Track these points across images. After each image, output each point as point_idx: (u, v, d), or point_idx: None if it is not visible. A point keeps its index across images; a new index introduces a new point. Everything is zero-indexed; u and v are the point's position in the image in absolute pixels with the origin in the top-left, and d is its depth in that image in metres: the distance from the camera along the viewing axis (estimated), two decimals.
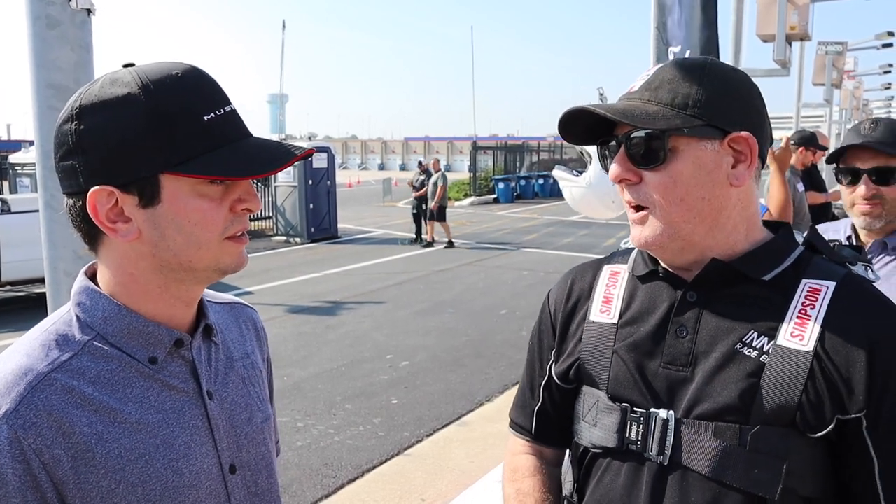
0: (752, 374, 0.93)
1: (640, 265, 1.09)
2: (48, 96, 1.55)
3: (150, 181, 0.82)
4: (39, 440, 0.77)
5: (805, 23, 6.05)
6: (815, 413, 0.91)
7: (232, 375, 0.97)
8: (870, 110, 31.80)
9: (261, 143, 0.87)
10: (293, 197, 14.99)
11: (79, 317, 0.87)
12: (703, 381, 0.96)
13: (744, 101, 1.00)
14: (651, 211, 0.98)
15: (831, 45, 13.34)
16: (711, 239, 0.99)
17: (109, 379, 0.84)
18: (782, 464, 0.91)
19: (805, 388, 0.91)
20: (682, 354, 0.99)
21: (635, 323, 1.05)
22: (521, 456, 1.21)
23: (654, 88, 0.99)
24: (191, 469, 0.87)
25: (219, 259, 0.87)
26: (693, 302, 1.00)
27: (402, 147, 77.98)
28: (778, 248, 1.02)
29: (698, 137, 0.96)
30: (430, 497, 3.85)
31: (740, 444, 0.92)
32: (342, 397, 5.41)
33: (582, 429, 1.08)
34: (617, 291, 1.10)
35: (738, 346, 0.95)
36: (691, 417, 0.96)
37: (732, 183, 0.98)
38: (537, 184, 27.14)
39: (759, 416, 0.92)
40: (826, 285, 0.96)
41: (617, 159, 1.00)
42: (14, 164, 14.78)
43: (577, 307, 1.14)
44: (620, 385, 1.03)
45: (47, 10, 1.55)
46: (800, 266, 1.00)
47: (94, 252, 0.89)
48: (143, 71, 0.83)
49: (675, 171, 0.96)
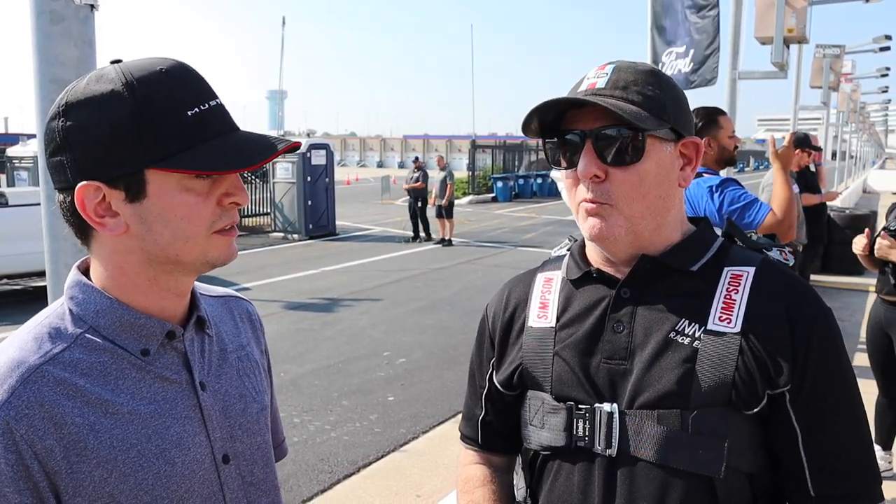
0: (686, 359, 0.97)
1: (573, 269, 1.11)
2: (51, 91, 1.56)
3: (136, 176, 0.82)
4: (31, 431, 0.79)
5: (803, 26, 6.07)
6: (748, 390, 0.95)
7: (226, 367, 0.98)
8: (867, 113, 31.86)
9: (245, 137, 0.87)
10: (291, 193, 14.98)
11: (71, 310, 0.88)
12: (642, 372, 0.99)
13: (687, 109, 1.07)
14: (612, 206, 0.99)
15: (829, 48, 13.36)
16: (657, 235, 1.03)
17: (101, 371, 0.85)
18: (723, 442, 0.94)
19: (736, 367, 0.95)
20: (621, 348, 1.02)
21: (573, 324, 1.07)
22: (471, 466, 1.23)
23: (622, 87, 1.00)
24: (183, 459, 0.88)
25: (206, 252, 0.88)
26: (627, 298, 1.04)
27: (400, 145, 77.82)
28: (701, 240, 1.07)
29: (662, 139, 1.01)
30: (425, 493, 3.87)
31: (682, 428, 0.96)
32: (339, 394, 5.42)
33: (530, 433, 1.10)
34: (552, 297, 1.12)
35: (672, 334, 0.99)
36: (634, 408, 0.99)
37: (681, 183, 1.05)
38: (536, 183, 27.13)
39: (698, 400, 0.96)
40: (746, 271, 1.02)
41: (585, 156, 0.99)
42: (12, 157, 14.75)
43: (515, 316, 1.16)
44: (564, 385, 1.05)
45: (51, 5, 1.56)
46: (721, 255, 1.05)
47: (85, 246, 0.90)
48: (127, 68, 0.83)
49: (642, 170, 0.99)
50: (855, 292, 8.47)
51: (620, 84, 1.00)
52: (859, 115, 27.94)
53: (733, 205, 2.82)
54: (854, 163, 33.40)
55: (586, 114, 1.00)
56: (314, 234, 14.95)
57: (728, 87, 5.65)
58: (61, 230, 1.65)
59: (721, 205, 2.80)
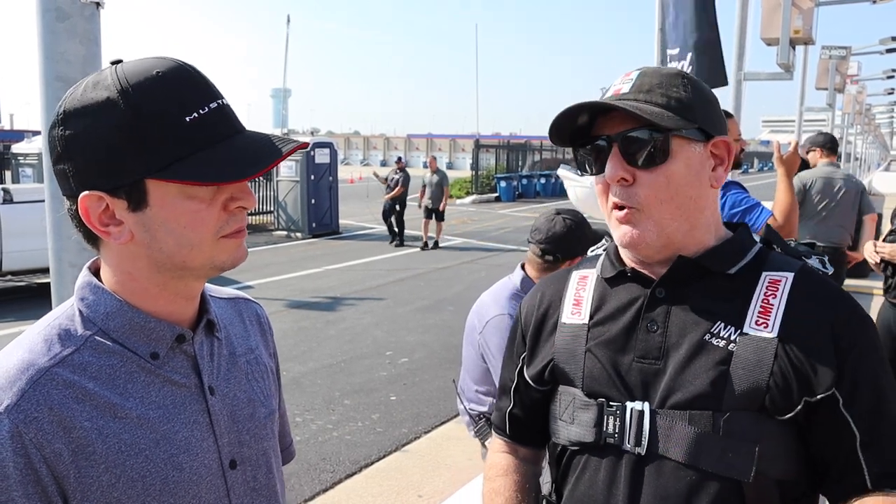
0: (721, 362, 0.97)
1: (608, 268, 1.12)
2: (56, 89, 1.55)
3: (137, 186, 0.81)
4: (40, 434, 0.78)
5: (809, 27, 6.04)
6: (782, 396, 0.95)
7: (234, 370, 0.98)
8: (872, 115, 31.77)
9: (250, 140, 0.84)
10: (295, 192, 14.99)
11: (81, 312, 0.87)
12: (675, 372, 1.00)
13: (717, 109, 1.06)
14: (639, 210, 1.01)
15: (835, 50, 13.32)
16: (690, 238, 1.04)
17: (111, 374, 0.84)
18: (755, 447, 0.94)
19: (772, 372, 0.95)
20: (654, 348, 1.02)
21: (606, 322, 1.08)
22: (499, 454, 1.26)
23: (646, 91, 1.02)
24: (191, 464, 0.88)
25: (213, 257, 0.86)
26: (662, 298, 1.04)
27: (404, 143, 77.84)
28: (740, 245, 1.07)
29: (689, 140, 1.01)
30: (426, 493, 3.87)
31: (714, 430, 0.96)
32: (341, 393, 5.42)
33: (559, 427, 1.11)
34: (586, 294, 1.14)
35: (707, 336, 0.99)
36: (666, 407, 0.99)
37: (712, 184, 1.04)
38: (539, 183, 27.11)
39: (731, 402, 0.95)
40: (785, 276, 1.02)
41: (612, 160, 1.01)
42: (17, 154, 14.78)
43: (549, 313, 1.17)
44: (595, 381, 1.06)
45: (57, 2, 1.55)
46: (760, 260, 1.05)
47: (96, 251, 0.89)
48: (124, 72, 0.81)
49: (669, 172, 1.00)
50: (860, 294, 8.45)
51: (644, 88, 1.02)
52: (865, 117, 27.84)
53: (735, 208, 2.83)
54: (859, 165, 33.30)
55: (612, 120, 1.02)
56: (317, 232, 14.96)
57: (733, 89, 5.63)
58: (66, 228, 1.65)
59: (722, 208, 2.80)
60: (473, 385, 2.61)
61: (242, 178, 0.81)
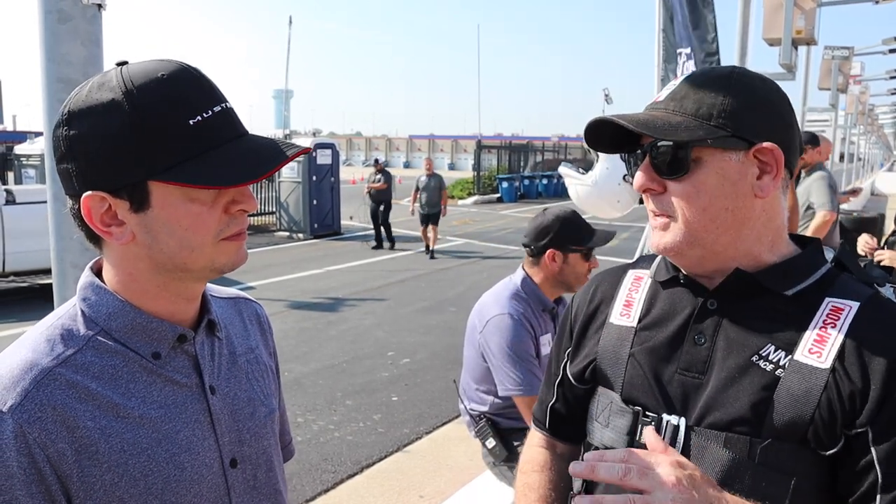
0: (766, 387, 0.92)
1: (661, 271, 1.09)
2: (58, 90, 1.56)
3: (139, 187, 0.82)
4: (44, 434, 0.79)
5: (811, 27, 6.04)
6: (826, 430, 0.89)
7: (235, 370, 0.98)
8: (875, 115, 31.71)
9: (252, 144, 0.85)
10: (297, 193, 15.00)
11: (84, 312, 0.88)
12: (716, 390, 0.96)
13: (770, 111, 0.99)
14: (673, 219, 0.98)
15: (838, 50, 13.29)
16: (734, 249, 0.99)
17: (113, 374, 0.85)
18: (790, 480, 0.90)
19: (818, 404, 0.89)
20: (699, 361, 0.99)
21: (654, 327, 1.05)
22: (536, 448, 1.26)
23: (679, 98, 0.99)
24: (192, 463, 0.88)
25: (214, 260, 0.87)
26: (713, 310, 1.00)
27: (406, 144, 77.91)
28: (804, 264, 1.00)
29: (722, 148, 0.96)
30: (428, 493, 3.87)
31: (749, 457, 0.92)
32: (342, 393, 5.43)
33: (594, 429, 1.10)
34: (638, 296, 1.11)
35: (755, 357, 0.95)
36: (703, 426, 0.96)
37: (757, 194, 0.97)
38: (541, 184, 27.09)
39: (771, 430, 0.91)
40: (850, 305, 0.94)
41: (642, 169, 1.00)
42: (19, 155, 14.81)
43: (599, 310, 1.15)
44: (635, 388, 1.04)
45: (59, 4, 1.56)
46: (825, 283, 0.98)
47: (98, 250, 0.90)
48: (129, 74, 0.82)
49: (698, 182, 0.96)
50: None
51: (679, 94, 0.99)
52: (868, 118, 27.81)
53: None
54: (862, 165, 33.26)
55: None
56: (319, 233, 14.96)
57: None
58: (68, 228, 1.66)
59: None
60: (474, 384, 2.62)
61: (244, 182, 0.81)
